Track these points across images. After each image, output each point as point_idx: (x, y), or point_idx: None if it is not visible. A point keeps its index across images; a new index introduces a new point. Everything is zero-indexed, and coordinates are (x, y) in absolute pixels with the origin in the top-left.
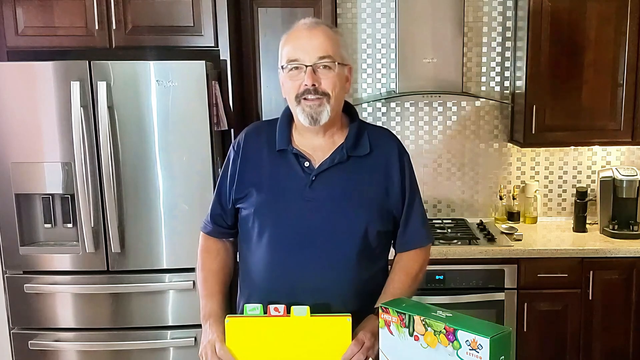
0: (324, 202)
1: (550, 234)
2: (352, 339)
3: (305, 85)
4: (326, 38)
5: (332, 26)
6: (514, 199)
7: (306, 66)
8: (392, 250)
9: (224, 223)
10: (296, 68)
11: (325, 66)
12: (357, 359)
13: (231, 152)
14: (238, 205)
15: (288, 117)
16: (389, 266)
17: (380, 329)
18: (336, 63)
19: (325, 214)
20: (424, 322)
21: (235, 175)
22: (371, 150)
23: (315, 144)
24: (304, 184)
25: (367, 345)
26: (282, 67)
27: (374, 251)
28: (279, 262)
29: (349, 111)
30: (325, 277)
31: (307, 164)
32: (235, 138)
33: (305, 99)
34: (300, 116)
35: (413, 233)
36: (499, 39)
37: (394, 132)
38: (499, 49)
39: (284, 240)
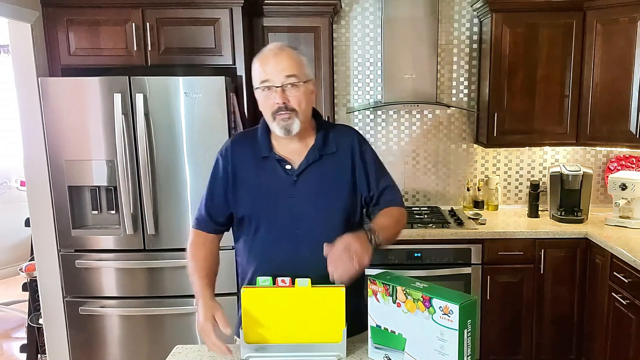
0: (305, 196)
1: (509, 219)
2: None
3: (277, 103)
4: (291, 60)
5: (296, 48)
6: (479, 190)
7: (276, 87)
8: None
9: (218, 219)
10: (268, 88)
11: (292, 84)
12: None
13: (219, 159)
14: (235, 208)
15: (266, 127)
16: None
17: (369, 298)
18: (301, 82)
19: (308, 205)
20: (405, 292)
21: (228, 180)
22: (337, 148)
23: (292, 148)
24: (287, 184)
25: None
26: (256, 88)
27: (353, 227)
28: (273, 247)
29: (316, 115)
30: (315, 252)
31: (288, 167)
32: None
33: (278, 114)
34: (276, 129)
35: (388, 202)
36: (467, 58)
37: (381, 135)
38: (466, 67)
39: (276, 232)
